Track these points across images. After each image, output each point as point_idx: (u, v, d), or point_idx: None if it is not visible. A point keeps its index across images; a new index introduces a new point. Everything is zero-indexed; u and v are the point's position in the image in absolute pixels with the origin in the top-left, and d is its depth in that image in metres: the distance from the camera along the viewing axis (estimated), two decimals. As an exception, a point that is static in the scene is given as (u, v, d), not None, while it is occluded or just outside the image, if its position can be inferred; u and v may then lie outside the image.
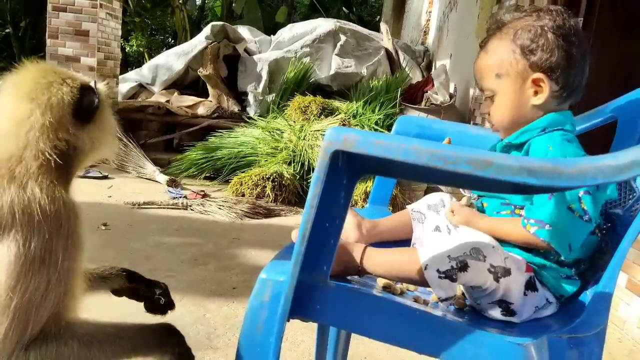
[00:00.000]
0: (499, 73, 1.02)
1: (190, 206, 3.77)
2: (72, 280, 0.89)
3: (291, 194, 4.16)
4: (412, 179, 2.01)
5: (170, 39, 14.72)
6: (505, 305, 0.91)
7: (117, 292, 1.16)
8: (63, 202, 0.88)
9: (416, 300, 0.95)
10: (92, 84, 0.99)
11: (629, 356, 2.17)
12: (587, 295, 0.97)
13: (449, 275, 0.89)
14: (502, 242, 0.96)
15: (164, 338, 0.97)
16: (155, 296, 1.16)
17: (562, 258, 0.96)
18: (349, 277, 0.98)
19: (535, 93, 1.01)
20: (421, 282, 0.92)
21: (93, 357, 0.87)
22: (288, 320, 0.87)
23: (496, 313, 0.92)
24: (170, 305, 1.17)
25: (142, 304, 1.17)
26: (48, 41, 5.06)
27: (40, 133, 0.90)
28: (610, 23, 3.17)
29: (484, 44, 1.06)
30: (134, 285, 1.16)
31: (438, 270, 0.89)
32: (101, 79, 5.45)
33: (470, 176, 0.70)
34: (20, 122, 0.90)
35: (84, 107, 0.95)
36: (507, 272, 0.90)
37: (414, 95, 5.28)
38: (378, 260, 0.97)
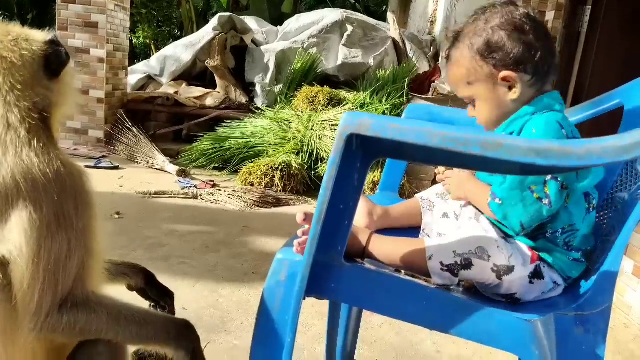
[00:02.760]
0: (469, 81, 1.05)
1: (200, 196, 3.82)
2: (91, 239, 0.89)
3: (299, 183, 4.20)
4: (424, 161, 2.01)
5: (176, 31, 14.70)
6: (509, 296, 0.95)
7: (131, 288, 1.20)
8: (61, 162, 0.88)
9: (427, 280, 0.99)
10: (55, 37, 0.97)
11: (634, 341, 2.20)
12: (593, 276, 1.00)
13: (451, 270, 0.93)
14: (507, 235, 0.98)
15: (183, 333, 0.98)
16: (161, 302, 1.20)
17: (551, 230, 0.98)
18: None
19: (510, 88, 1.03)
20: (423, 271, 0.95)
21: (119, 332, 0.90)
22: (304, 299, 0.90)
23: (501, 299, 0.95)
24: (171, 314, 1.20)
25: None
26: (57, 33, 5.10)
27: (19, 92, 0.88)
28: (618, 18, 3.15)
29: (447, 56, 1.09)
30: (148, 287, 1.20)
31: (441, 263, 0.93)
32: (111, 71, 5.43)
33: (481, 157, 0.73)
34: None
35: (53, 61, 0.94)
36: (510, 270, 0.93)
37: (421, 85, 5.28)
38: (384, 246, 1.01)
